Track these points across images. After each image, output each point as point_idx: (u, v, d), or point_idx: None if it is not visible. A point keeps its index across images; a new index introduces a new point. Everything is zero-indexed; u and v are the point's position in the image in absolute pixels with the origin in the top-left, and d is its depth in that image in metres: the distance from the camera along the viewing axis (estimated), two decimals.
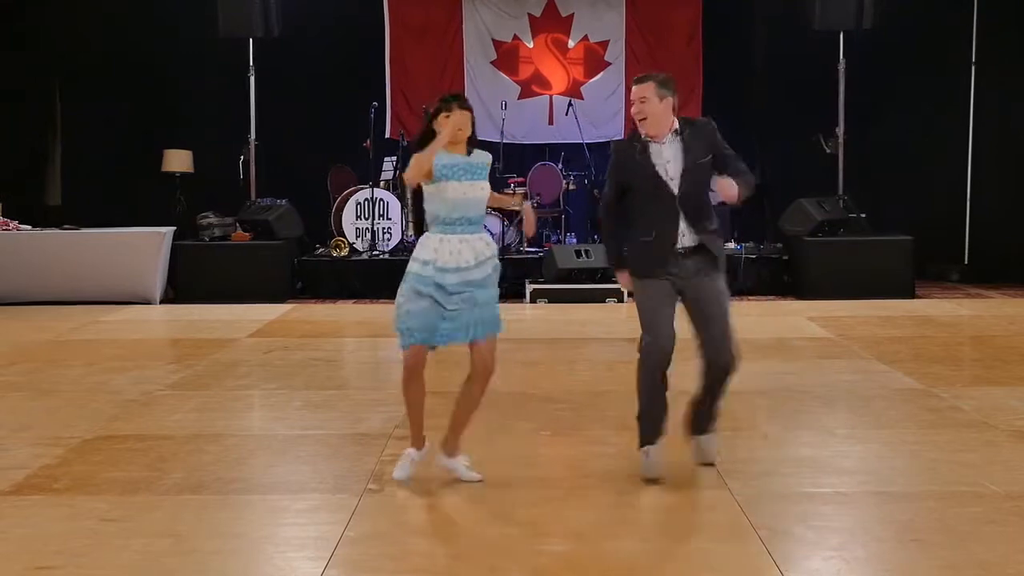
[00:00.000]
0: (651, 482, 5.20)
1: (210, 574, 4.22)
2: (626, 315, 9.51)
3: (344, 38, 14.07)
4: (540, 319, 10.93)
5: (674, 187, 5.14)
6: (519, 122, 13.92)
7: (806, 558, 4.35)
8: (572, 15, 14.32)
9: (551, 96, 14.33)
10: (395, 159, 13.34)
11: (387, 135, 13.88)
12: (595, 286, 11.85)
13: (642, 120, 5.17)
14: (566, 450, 5.98)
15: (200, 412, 6.82)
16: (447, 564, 4.29)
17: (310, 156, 13.77)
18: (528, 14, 14.32)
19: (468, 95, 14.94)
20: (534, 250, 12.90)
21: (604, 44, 14.28)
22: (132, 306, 11.65)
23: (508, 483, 5.27)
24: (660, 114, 5.14)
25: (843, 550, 4.39)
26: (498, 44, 14.33)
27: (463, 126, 5.15)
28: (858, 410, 6.88)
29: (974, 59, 13.54)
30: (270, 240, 12.53)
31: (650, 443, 5.25)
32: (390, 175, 13.36)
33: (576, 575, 4.21)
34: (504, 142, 13.32)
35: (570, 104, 13.80)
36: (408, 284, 5.13)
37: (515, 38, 14.35)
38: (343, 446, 6.00)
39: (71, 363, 8.49)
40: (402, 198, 12.86)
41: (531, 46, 14.35)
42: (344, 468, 5.57)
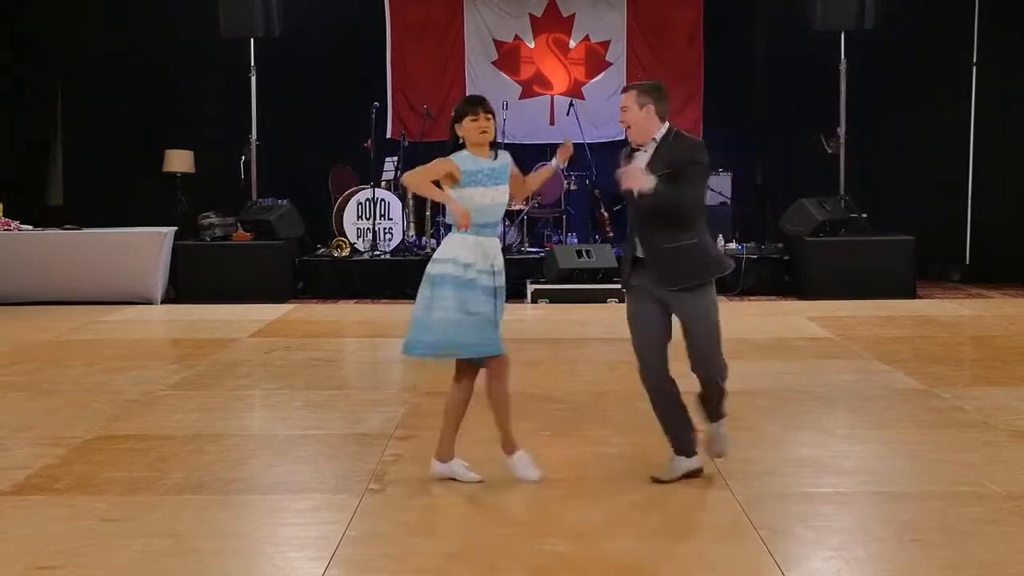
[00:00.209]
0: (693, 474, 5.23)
1: (210, 574, 4.23)
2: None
3: (345, 38, 14.08)
4: (541, 319, 10.93)
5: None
6: (520, 122, 13.90)
7: (807, 558, 4.35)
8: (573, 15, 14.31)
9: (552, 96, 14.32)
10: (396, 159, 13.33)
11: (388, 135, 13.87)
12: (596, 286, 11.84)
13: (626, 129, 5.20)
14: (567, 450, 5.98)
15: (201, 412, 6.82)
16: (447, 564, 4.29)
17: (311, 156, 13.78)
18: (529, 14, 14.31)
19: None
20: (535, 250, 12.90)
21: (605, 44, 14.27)
22: (133, 306, 11.64)
23: (508, 483, 5.27)
24: (641, 122, 5.13)
25: (843, 550, 4.39)
26: (499, 44, 14.32)
27: (487, 129, 5.19)
28: (859, 410, 6.88)
29: (975, 59, 13.53)
30: (271, 240, 12.53)
31: (687, 455, 5.26)
32: (391, 175, 13.35)
33: (576, 575, 4.21)
34: (505, 142, 13.30)
35: (571, 104, 13.79)
36: (448, 291, 5.08)
37: (516, 38, 14.34)
38: (344, 446, 6.00)
39: (72, 363, 8.49)
40: (403, 198, 12.86)
41: (532, 46, 14.34)
42: (345, 468, 5.57)
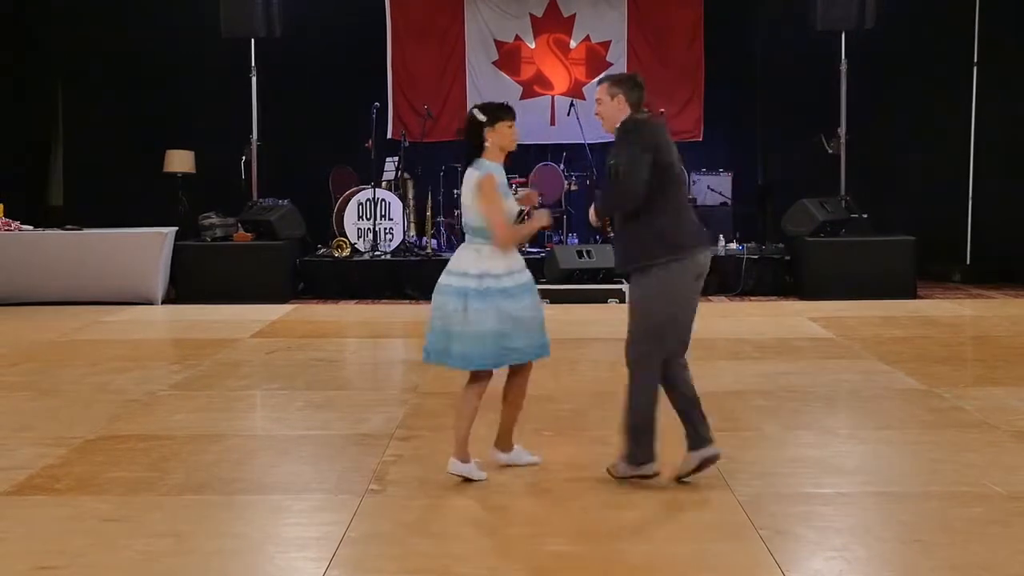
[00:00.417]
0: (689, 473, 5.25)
1: (211, 574, 4.23)
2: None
3: (346, 38, 14.08)
4: None
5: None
6: (521, 122, 13.76)
7: (808, 558, 4.36)
8: (574, 15, 14.32)
9: (553, 96, 14.33)
10: (397, 159, 13.33)
11: (389, 135, 13.88)
12: (597, 286, 11.84)
13: (601, 120, 5.37)
14: (568, 450, 5.97)
15: (202, 412, 6.82)
16: (447, 564, 4.29)
17: (312, 156, 13.78)
18: (530, 14, 14.31)
19: (469, 95, 14.91)
20: (536, 250, 12.89)
21: (606, 44, 14.27)
22: (134, 306, 11.64)
23: (509, 483, 5.27)
24: (612, 113, 5.29)
25: (845, 550, 4.39)
26: (500, 44, 14.33)
27: (518, 137, 5.46)
28: (860, 410, 6.88)
29: (976, 59, 13.52)
30: (272, 240, 12.53)
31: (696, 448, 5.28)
32: (392, 175, 13.36)
33: (576, 575, 4.21)
34: None
35: (572, 104, 13.78)
36: (489, 304, 5.11)
37: (517, 38, 14.35)
38: (345, 446, 6.00)
39: (73, 363, 8.50)
40: (403, 198, 12.87)
41: (533, 46, 14.34)
42: (346, 468, 5.57)
